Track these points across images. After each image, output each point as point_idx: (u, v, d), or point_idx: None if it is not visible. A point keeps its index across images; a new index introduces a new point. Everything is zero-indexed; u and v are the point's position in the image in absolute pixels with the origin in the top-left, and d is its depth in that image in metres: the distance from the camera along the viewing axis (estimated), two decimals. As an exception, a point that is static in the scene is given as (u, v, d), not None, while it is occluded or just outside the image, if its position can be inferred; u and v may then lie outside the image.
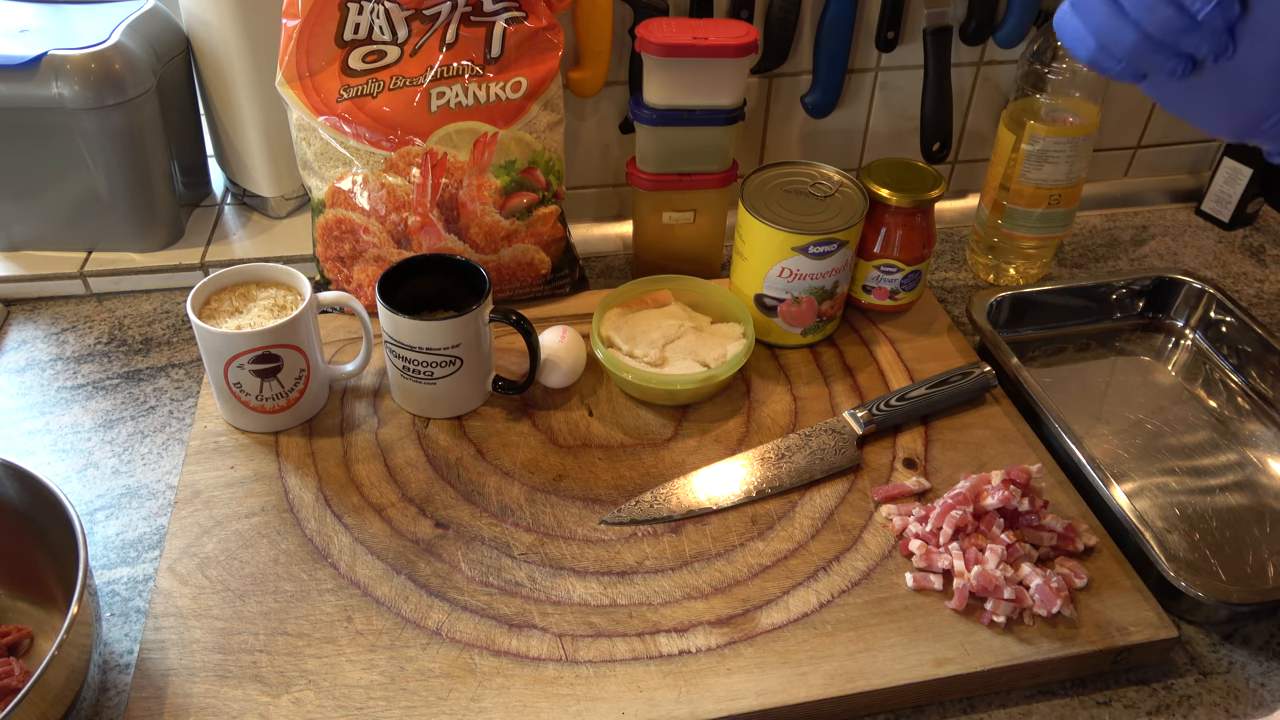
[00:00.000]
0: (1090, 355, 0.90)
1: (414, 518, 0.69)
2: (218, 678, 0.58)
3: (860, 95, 0.99)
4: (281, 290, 0.75)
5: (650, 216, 0.89)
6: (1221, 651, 0.65)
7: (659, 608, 0.63)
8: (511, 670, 0.59)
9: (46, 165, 0.85)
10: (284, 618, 0.62)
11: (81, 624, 0.53)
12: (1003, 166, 0.90)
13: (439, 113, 0.80)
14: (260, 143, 0.90)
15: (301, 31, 0.77)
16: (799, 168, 0.84)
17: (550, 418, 0.77)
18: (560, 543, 0.68)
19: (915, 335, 0.86)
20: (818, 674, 0.60)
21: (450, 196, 0.82)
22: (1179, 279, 0.91)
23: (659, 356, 0.78)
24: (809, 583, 0.65)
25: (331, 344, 0.83)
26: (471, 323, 0.72)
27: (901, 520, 0.69)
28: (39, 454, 0.75)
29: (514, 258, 0.86)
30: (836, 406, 0.79)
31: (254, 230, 0.95)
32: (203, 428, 0.75)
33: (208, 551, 0.66)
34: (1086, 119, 0.87)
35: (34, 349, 0.84)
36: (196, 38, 0.87)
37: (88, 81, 0.80)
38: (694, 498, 0.71)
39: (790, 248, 0.78)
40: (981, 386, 0.79)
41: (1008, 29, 0.94)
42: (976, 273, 0.98)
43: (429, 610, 0.63)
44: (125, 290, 0.91)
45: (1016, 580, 0.64)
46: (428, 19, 0.78)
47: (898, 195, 0.81)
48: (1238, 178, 1.03)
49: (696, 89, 0.82)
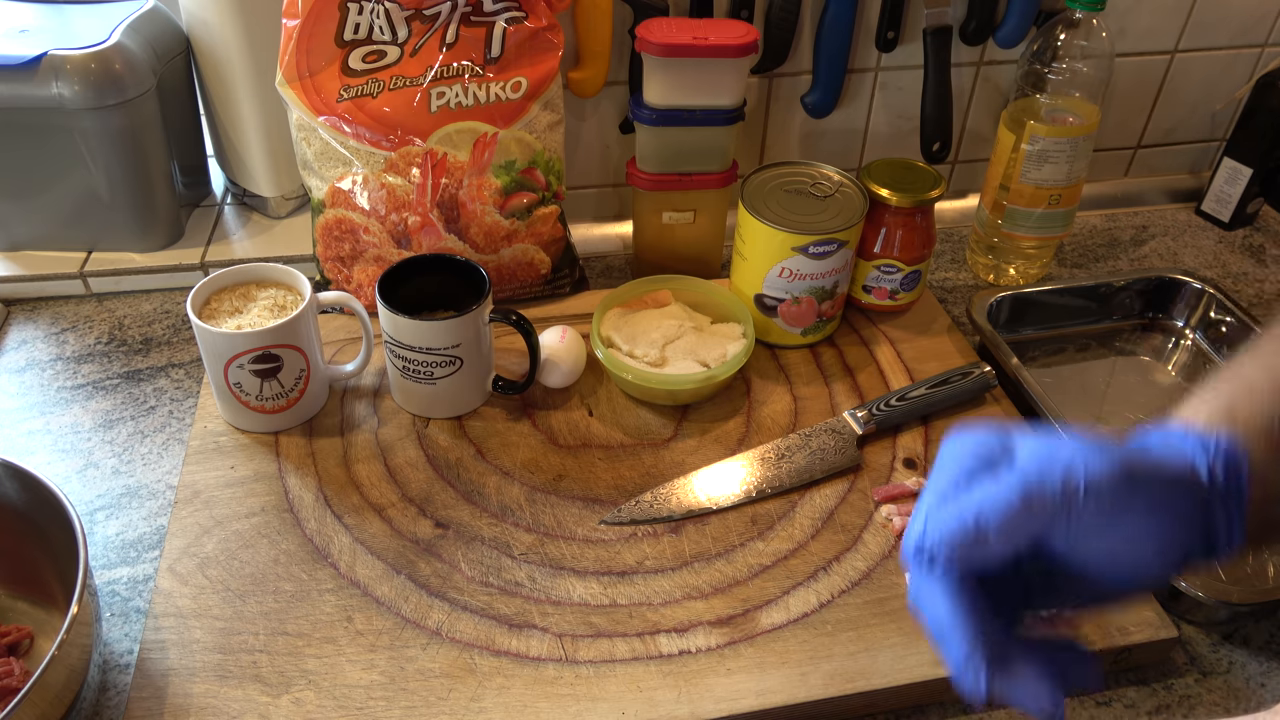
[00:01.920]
0: (1090, 355, 0.90)
1: (414, 518, 0.69)
2: (218, 678, 0.58)
3: (860, 95, 0.99)
4: (281, 290, 0.75)
5: (650, 216, 0.89)
6: (1221, 651, 0.65)
7: (659, 608, 0.63)
8: (511, 670, 0.59)
9: (46, 165, 0.85)
10: (284, 618, 0.62)
11: (81, 624, 0.53)
12: (1003, 166, 0.90)
13: (439, 113, 0.80)
14: (260, 143, 0.90)
15: (301, 31, 0.77)
16: (799, 168, 0.84)
17: (550, 418, 0.77)
18: (560, 543, 0.68)
19: (915, 335, 0.86)
20: (818, 674, 0.60)
21: (450, 196, 0.82)
22: (1179, 279, 0.91)
23: (659, 356, 0.78)
24: (809, 583, 0.65)
25: (331, 344, 0.83)
26: (471, 323, 0.72)
27: (901, 520, 0.69)
28: (39, 454, 0.75)
29: (514, 258, 0.86)
30: (836, 406, 0.79)
31: (254, 230, 0.95)
32: (203, 428, 0.75)
33: (208, 551, 0.66)
34: (1086, 119, 0.87)
35: (34, 349, 0.84)
36: (196, 38, 0.87)
37: (88, 81, 0.80)
38: (694, 498, 0.71)
39: (790, 248, 0.78)
40: (981, 386, 0.79)
41: (1008, 29, 0.94)
42: (976, 273, 0.98)
43: (429, 610, 0.63)
44: (125, 290, 0.91)
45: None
46: (428, 19, 0.78)
47: (898, 195, 0.81)
48: (1238, 178, 1.03)
49: (696, 89, 0.82)
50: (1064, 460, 0.41)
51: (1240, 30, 1.03)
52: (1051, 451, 0.42)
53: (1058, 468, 0.41)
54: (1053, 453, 0.42)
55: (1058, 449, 0.42)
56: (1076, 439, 0.42)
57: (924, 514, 0.43)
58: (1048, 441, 0.43)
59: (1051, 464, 0.41)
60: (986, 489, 0.42)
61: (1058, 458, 0.41)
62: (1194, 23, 1.01)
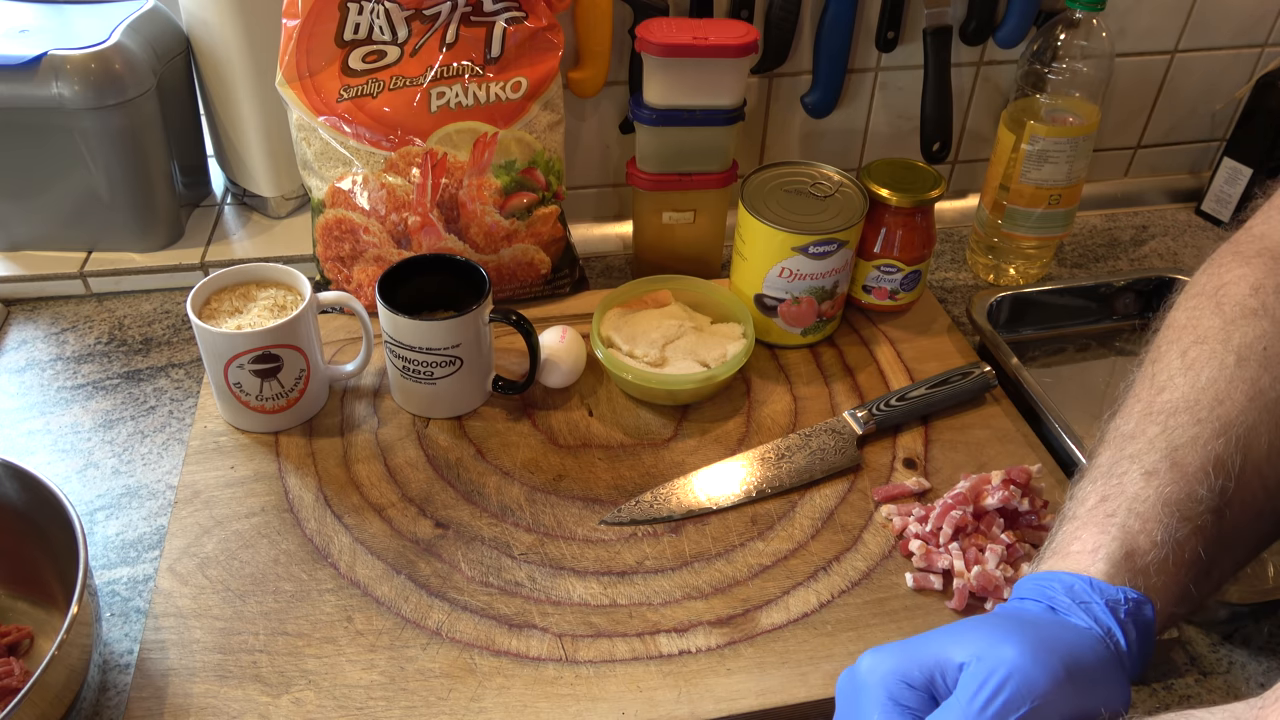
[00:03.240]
0: (1090, 355, 0.91)
1: (414, 518, 0.69)
2: (218, 678, 0.58)
3: (860, 95, 0.99)
4: (281, 290, 0.75)
5: (650, 216, 0.89)
6: (1221, 651, 0.65)
7: (659, 608, 0.63)
8: (511, 670, 0.59)
9: (46, 165, 0.85)
10: (284, 618, 0.62)
11: (81, 624, 0.53)
12: (1003, 166, 0.90)
13: (439, 113, 0.80)
14: (260, 143, 0.90)
15: (301, 31, 0.77)
16: (799, 168, 0.84)
17: (550, 418, 0.77)
18: (560, 543, 0.68)
19: (915, 335, 0.86)
20: (818, 674, 0.60)
21: (450, 196, 0.82)
22: (1179, 279, 0.91)
23: (659, 356, 0.78)
24: (809, 583, 0.65)
25: (331, 344, 0.83)
26: (471, 323, 0.72)
27: (901, 520, 0.69)
28: (39, 454, 0.75)
29: (514, 258, 0.86)
30: (836, 406, 0.79)
31: (254, 230, 0.95)
32: (203, 428, 0.75)
33: (208, 551, 0.66)
34: (1086, 119, 0.87)
35: (34, 349, 0.84)
36: (196, 38, 0.87)
37: (88, 81, 0.80)
38: (694, 498, 0.71)
39: (790, 248, 0.78)
40: (981, 386, 0.79)
41: (1008, 29, 0.94)
42: (976, 273, 0.98)
43: (429, 610, 0.63)
44: (125, 290, 0.91)
45: (1016, 580, 0.64)
46: (428, 19, 0.78)
47: (898, 195, 0.81)
48: (1238, 178, 1.03)
49: (696, 89, 0.82)
50: (1011, 691, 0.40)
51: (1240, 30, 1.03)
52: (991, 677, 0.41)
53: (1002, 699, 0.40)
54: (994, 680, 0.41)
55: (994, 671, 0.41)
56: (1009, 643, 0.41)
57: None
58: (983, 665, 0.41)
59: (997, 694, 0.40)
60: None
61: (1002, 685, 0.40)
62: (1194, 23, 1.01)
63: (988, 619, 0.45)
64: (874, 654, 0.45)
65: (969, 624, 0.45)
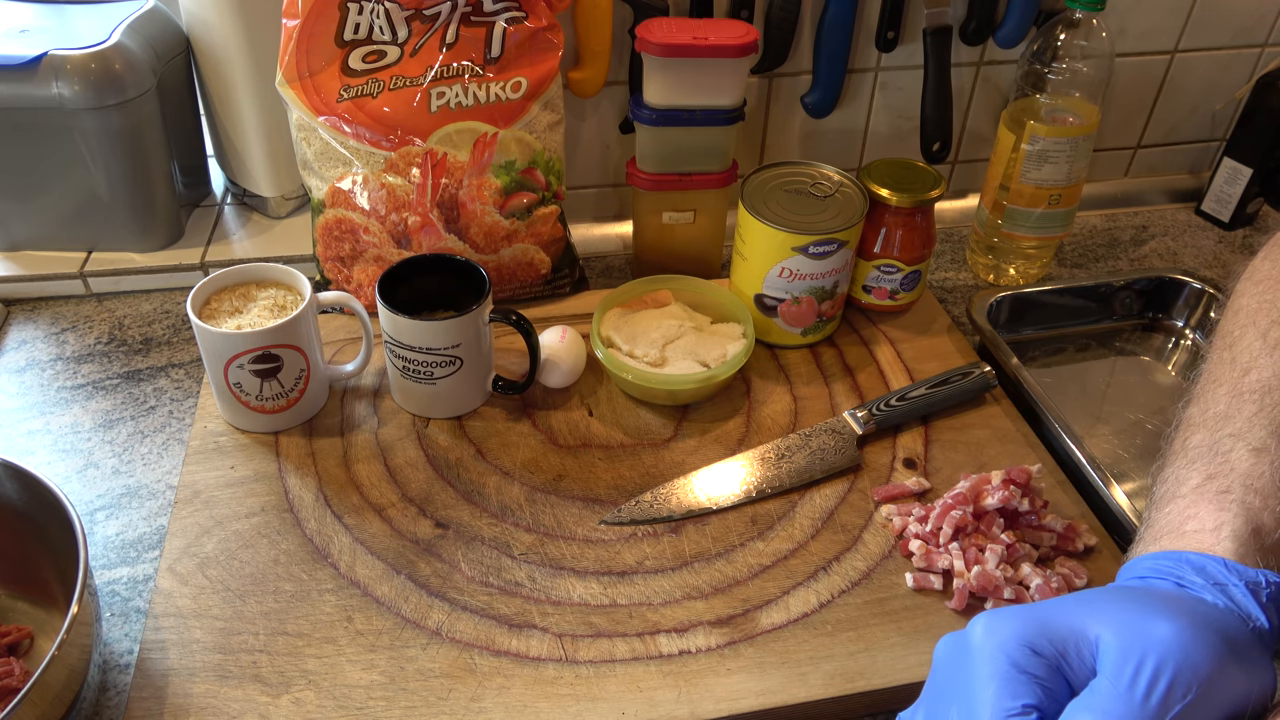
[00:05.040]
0: (1090, 355, 0.91)
1: (414, 518, 0.69)
2: (218, 678, 0.58)
3: (860, 95, 0.99)
4: (281, 290, 0.75)
5: (650, 216, 0.89)
6: None
7: (659, 608, 0.63)
8: (511, 670, 0.59)
9: (46, 165, 0.85)
10: (284, 618, 0.62)
11: (81, 624, 0.53)
12: (1003, 166, 0.90)
13: (439, 113, 0.80)
14: (260, 143, 0.90)
15: (301, 31, 0.77)
16: (799, 168, 0.84)
17: (550, 418, 0.77)
18: (560, 543, 0.68)
19: (915, 335, 0.86)
20: (818, 674, 0.60)
21: (450, 196, 0.82)
22: (1179, 279, 0.91)
23: (659, 356, 0.78)
24: (809, 583, 0.65)
25: (331, 344, 0.83)
26: (471, 323, 0.72)
27: (901, 520, 0.69)
28: (39, 454, 0.75)
29: (514, 258, 0.86)
30: (836, 406, 0.79)
31: (254, 230, 0.95)
32: (203, 428, 0.75)
33: (208, 551, 0.66)
34: (1086, 119, 0.87)
35: (34, 349, 0.84)
36: (196, 38, 0.87)
37: (88, 81, 0.80)
38: (694, 498, 0.71)
39: (790, 248, 0.78)
40: (981, 386, 0.79)
41: (1008, 29, 0.94)
42: (976, 273, 0.98)
43: (429, 610, 0.63)
44: (125, 290, 0.91)
45: (1016, 580, 0.64)
46: (428, 19, 0.78)
47: (898, 195, 0.81)
48: (1238, 178, 1.03)
49: (696, 89, 0.82)
50: (1173, 674, 0.37)
51: (1240, 30, 1.03)
52: (1148, 657, 0.37)
53: (1165, 683, 0.37)
54: (1151, 661, 0.37)
55: (1150, 651, 0.37)
56: (1162, 619, 0.38)
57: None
58: (1135, 645, 0.37)
59: (1157, 677, 0.37)
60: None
61: (1160, 667, 0.37)
62: (1194, 23, 1.01)
63: (1123, 592, 0.41)
64: (991, 616, 0.40)
65: (1101, 594, 0.41)
